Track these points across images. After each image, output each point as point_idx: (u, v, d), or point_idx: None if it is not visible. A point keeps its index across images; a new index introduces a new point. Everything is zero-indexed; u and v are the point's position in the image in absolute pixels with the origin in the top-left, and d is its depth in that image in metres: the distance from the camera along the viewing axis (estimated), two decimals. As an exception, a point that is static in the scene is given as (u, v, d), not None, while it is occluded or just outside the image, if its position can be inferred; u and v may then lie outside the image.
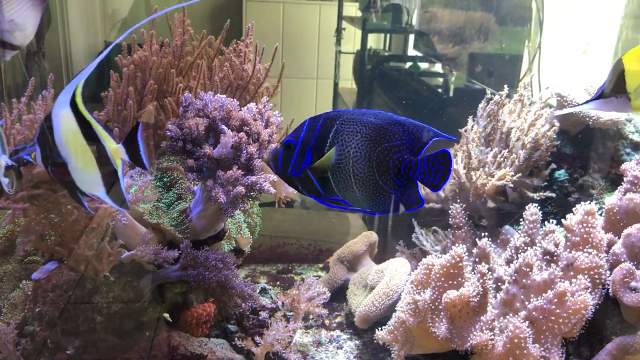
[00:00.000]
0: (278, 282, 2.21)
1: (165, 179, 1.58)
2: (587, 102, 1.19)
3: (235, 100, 1.42)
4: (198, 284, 1.51)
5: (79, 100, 0.96)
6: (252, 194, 1.39)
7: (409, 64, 3.07)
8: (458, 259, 1.40)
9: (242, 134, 1.37)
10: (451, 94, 2.75)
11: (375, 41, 3.25)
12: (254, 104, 1.44)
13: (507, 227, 1.63)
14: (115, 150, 1.00)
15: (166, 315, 1.69)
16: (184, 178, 1.58)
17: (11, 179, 1.20)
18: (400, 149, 1.08)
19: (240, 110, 1.40)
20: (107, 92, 1.59)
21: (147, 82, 1.62)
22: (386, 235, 2.56)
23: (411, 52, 3.08)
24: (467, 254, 1.42)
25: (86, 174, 0.99)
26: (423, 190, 1.87)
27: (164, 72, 1.62)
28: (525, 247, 1.51)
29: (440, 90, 2.85)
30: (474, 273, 1.39)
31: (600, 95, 1.17)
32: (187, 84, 1.68)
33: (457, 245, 1.41)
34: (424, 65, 3.03)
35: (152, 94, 1.60)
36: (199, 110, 1.39)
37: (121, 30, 2.72)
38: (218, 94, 1.42)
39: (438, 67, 2.93)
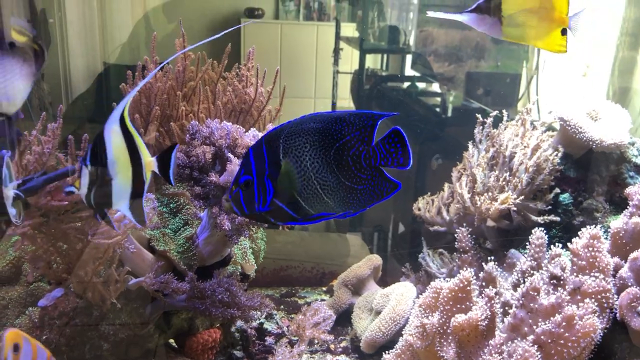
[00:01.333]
0: (282, 306, 2.20)
1: (171, 205, 1.58)
2: (461, 12, 1.15)
3: (241, 127, 1.43)
4: (204, 315, 1.50)
5: (126, 115, 0.97)
6: (257, 220, 1.39)
7: (407, 84, 3.10)
8: (466, 283, 1.41)
9: (248, 161, 1.37)
10: (449, 113, 2.77)
11: (372, 61, 3.28)
12: (255, 130, 1.45)
13: (513, 250, 1.64)
14: (149, 163, 1.02)
15: (172, 341, 1.69)
16: (190, 204, 1.59)
17: (18, 210, 1.21)
18: (352, 143, 1.05)
19: (246, 134, 1.41)
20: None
21: (152, 108, 1.63)
22: (387, 257, 2.57)
23: (409, 72, 3.11)
24: (474, 277, 1.42)
25: (124, 189, 1.00)
26: (427, 213, 1.89)
27: (167, 97, 1.63)
28: (532, 271, 1.51)
29: (438, 109, 2.87)
30: (482, 297, 1.39)
31: (476, 9, 1.15)
32: (191, 109, 1.69)
33: (464, 269, 1.42)
34: (421, 85, 3.06)
35: (157, 120, 1.61)
36: (206, 138, 1.40)
37: (121, 52, 2.73)
38: (224, 122, 1.43)
39: (436, 87, 2.96)
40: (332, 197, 1.04)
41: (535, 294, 1.39)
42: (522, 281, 1.49)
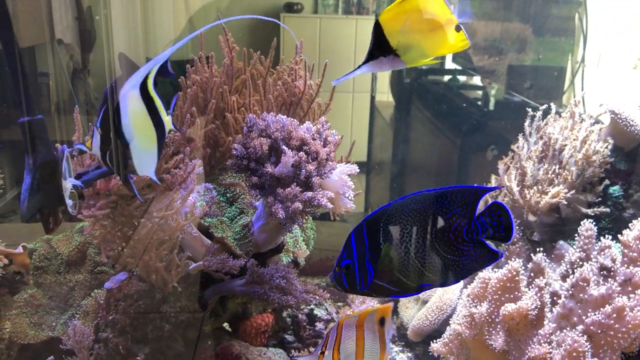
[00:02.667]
0: (329, 295, 2.26)
1: (228, 195, 1.65)
2: (358, 67, 1.16)
3: (295, 120, 1.49)
4: (261, 300, 1.56)
5: (149, 82, 1.01)
6: (310, 209, 1.44)
7: (447, 77, 3.09)
8: (515, 273, 1.43)
9: (301, 153, 1.43)
10: (491, 106, 2.75)
11: None
12: (311, 122, 1.51)
13: (561, 242, 1.65)
14: (167, 121, 1.07)
15: (226, 325, 1.76)
16: (245, 193, 1.65)
17: (75, 201, 1.28)
18: (454, 220, 1.06)
19: (300, 128, 1.47)
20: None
21: (209, 101, 1.70)
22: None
23: (449, 65, 3.10)
24: (522, 267, 1.44)
25: (147, 154, 1.05)
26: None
27: (220, 90, 1.70)
28: (581, 263, 1.52)
29: (480, 102, 2.86)
30: (532, 287, 1.42)
31: (368, 59, 1.14)
32: (243, 102, 1.75)
33: (512, 259, 1.44)
34: (462, 78, 3.05)
35: (213, 113, 1.68)
36: (262, 130, 1.46)
37: (163, 48, 2.81)
38: (279, 115, 1.49)
39: (477, 80, 2.95)
40: (433, 271, 1.08)
41: (585, 284, 1.40)
42: (570, 272, 1.51)
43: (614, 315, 1.32)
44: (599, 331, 1.34)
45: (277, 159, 1.46)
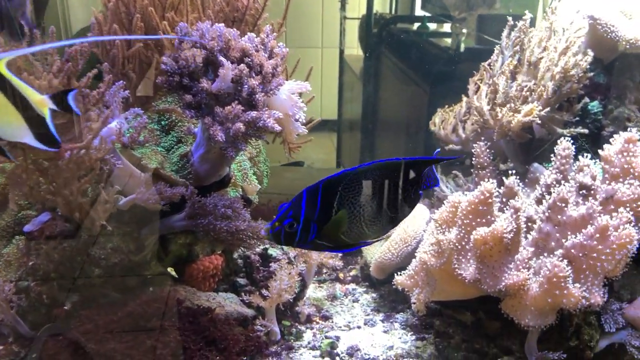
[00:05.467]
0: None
1: (163, 122, 1.46)
2: None
3: (234, 30, 1.29)
4: (207, 234, 1.39)
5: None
6: (254, 132, 1.26)
7: (417, 25, 2.92)
8: (488, 195, 1.28)
9: (242, 65, 1.24)
10: (461, 54, 2.59)
11: (381, 5, 3.09)
12: (253, 34, 1.31)
13: (535, 164, 1.51)
14: (40, 101, 1.03)
15: (171, 269, 1.59)
16: (183, 120, 1.46)
17: None
18: (410, 185, 1.06)
19: (242, 38, 1.27)
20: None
21: (132, 16, 1.48)
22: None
23: (419, 12, 2.94)
24: (496, 189, 1.30)
25: (11, 125, 1.03)
26: (442, 131, 1.75)
27: (150, 5, 1.48)
28: (557, 185, 1.38)
29: (450, 50, 2.71)
30: (506, 209, 1.27)
31: None
32: (180, 20, 1.54)
33: (485, 180, 1.29)
34: (433, 26, 2.89)
35: (140, 31, 1.47)
36: (196, 42, 1.26)
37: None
38: (216, 24, 1.28)
39: (447, 28, 2.79)
40: (374, 229, 1.06)
41: (563, 205, 1.26)
42: (546, 196, 1.37)
43: (597, 235, 1.18)
44: (580, 254, 1.21)
45: (215, 76, 1.26)
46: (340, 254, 1.73)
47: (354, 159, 3.06)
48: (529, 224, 1.36)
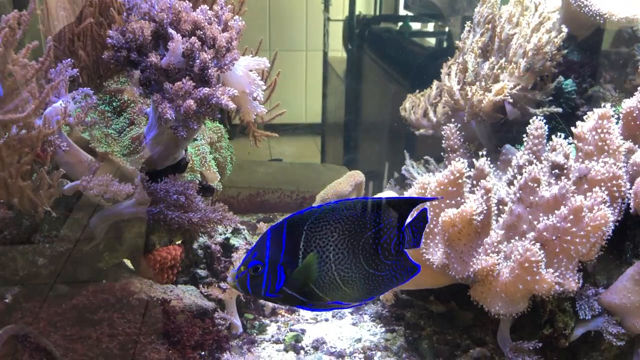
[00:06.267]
0: (258, 232, 2.02)
1: (114, 103, 1.37)
2: None
3: (187, 1, 1.21)
4: (158, 222, 1.30)
5: None
6: (206, 110, 1.18)
7: (400, 25, 2.87)
8: (457, 175, 1.21)
9: (194, 39, 1.16)
10: (445, 52, 2.54)
11: (365, 6, 3.03)
12: (206, 6, 1.23)
13: (507, 146, 1.45)
14: None
15: (127, 261, 1.50)
16: (136, 101, 1.37)
17: None
18: (385, 230, 0.96)
19: (193, 12, 1.19)
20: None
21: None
22: (375, 176, 2.38)
23: (402, 12, 2.88)
24: (467, 169, 1.23)
25: None
26: (413, 115, 1.68)
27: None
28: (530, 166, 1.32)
29: (432, 49, 2.66)
30: (478, 188, 1.20)
31: None
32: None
33: (456, 160, 1.22)
34: (416, 26, 2.84)
35: (92, 7, 1.38)
36: (144, 14, 1.18)
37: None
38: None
39: (430, 27, 2.76)
40: (351, 286, 0.96)
41: (535, 185, 1.20)
42: (518, 177, 1.30)
43: (571, 217, 1.12)
44: (553, 237, 1.14)
45: (165, 49, 1.18)
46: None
47: (337, 161, 3.00)
48: (501, 207, 1.29)
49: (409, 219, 0.97)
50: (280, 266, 0.93)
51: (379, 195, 1.68)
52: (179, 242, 1.53)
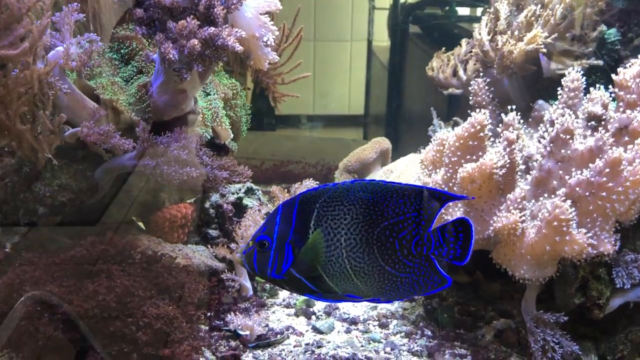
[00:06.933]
0: (272, 196, 1.94)
1: (123, 51, 1.32)
2: None
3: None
4: (156, 178, 1.25)
5: None
6: (212, 52, 1.11)
7: (446, 9, 2.75)
8: (479, 128, 1.11)
9: (200, -26, 1.09)
10: None
11: None
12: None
13: (540, 101, 1.33)
14: None
15: (137, 219, 1.46)
16: (145, 48, 1.31)
17: None
18: (405, 225, 0.87)
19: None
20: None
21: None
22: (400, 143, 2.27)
23: None
24: (490, 121, 1.12)
25: None
26: (441, 74, 1.57)
27: None
28: (565, 121, 1.20)
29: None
30: (500, 140, 1.09)
31: None
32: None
33: (477, 111, 1.11)
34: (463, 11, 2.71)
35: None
36: (151, -51, 1.12)
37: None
38: None
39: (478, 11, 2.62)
40: (364, 280, 0.88)
41: (568, 137, 1.08)
42: (550, 130, 1.19)
43: (607, 171, 1.00)
44: (586, 194, 1.03)
45: (171, -11, 1.12)
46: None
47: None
48: (529, 164, 1.18)
49: (438, 220, 0.88)
50: (289, 244, 0.88)
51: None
52: (191, 200, 1.47)
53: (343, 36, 3.10)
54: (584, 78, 1.21)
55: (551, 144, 1.09)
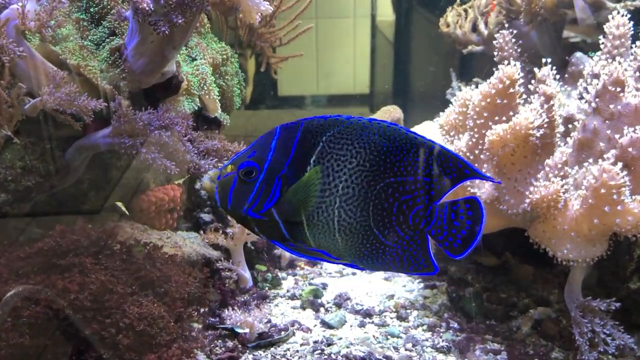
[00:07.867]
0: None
1: (92, 9, 1.15)
2: None
3: None
4: (133, 158, 1.09)
5: None
6: (192, 2, 0.94)
7: None
8: (508, 83, 0.93)
9: None
10: None
11: None
12: None
13: (578, 54, 1.15)
14: None
15: (120, 204, 1.30)
16: (118, 4, 1.14)
17: None
18: (412, 189, 0.72)
19: None
20: None
21: None
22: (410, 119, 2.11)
23: None
24: (521, 74, 0.94)
25: None
26: (459, 30, 1.40)
27: None
28: (609, 73, 1.02)
29: None
30: (536, 96, 0.92)
31: None
32: None
33: (505, 64, 0.94)
34: None
35: None
36: None
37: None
38: None
39: None
40: (346, 238, 0.74)
41: (618, 89, 0.90)
42: (594, 84, 1.01)
43: (668, 127, 0.83)
44: (642, 155, 0.85)
45: None
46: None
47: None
48: (570, 126, 1.00)
49: (449, 194, 0.73)
50: (279, 179, 0.72)
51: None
52: (179, 181, 1.31)
53: (345, 12, 2.94)
54: (631, 23, 1.03)
55: (597, 99, 0.91)
